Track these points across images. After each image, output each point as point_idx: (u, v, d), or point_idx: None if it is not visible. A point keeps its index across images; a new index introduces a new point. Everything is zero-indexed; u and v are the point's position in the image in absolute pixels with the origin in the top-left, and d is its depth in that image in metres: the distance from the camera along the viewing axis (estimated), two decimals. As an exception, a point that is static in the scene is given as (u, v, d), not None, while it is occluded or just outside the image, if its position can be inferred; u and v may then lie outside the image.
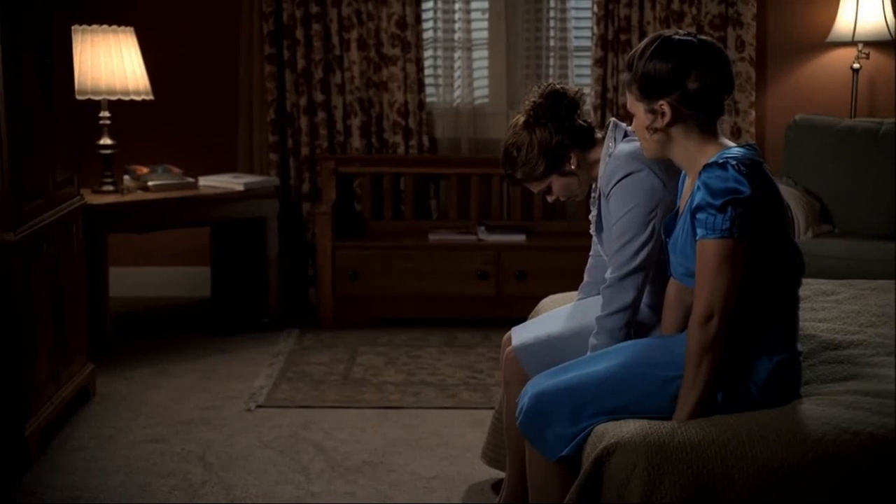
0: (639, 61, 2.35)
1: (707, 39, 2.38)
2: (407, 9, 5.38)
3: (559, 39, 5.62)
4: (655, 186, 2.73)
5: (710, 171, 2.23)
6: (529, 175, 2.89)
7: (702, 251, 2.24)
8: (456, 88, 5.63)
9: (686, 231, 2.32)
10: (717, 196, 2.20)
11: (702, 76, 2.31)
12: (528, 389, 2.50)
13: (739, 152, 2.27)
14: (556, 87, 2.90)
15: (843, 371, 2.47)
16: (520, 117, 2.89)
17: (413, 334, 5.05)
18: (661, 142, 2.38)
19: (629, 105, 2.43)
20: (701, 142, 2.35)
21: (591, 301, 3.02)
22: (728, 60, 2.37)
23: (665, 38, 2.35)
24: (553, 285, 4.18)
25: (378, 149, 5.54)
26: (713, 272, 2.22)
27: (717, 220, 2.20)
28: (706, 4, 5.42)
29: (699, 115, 2.33)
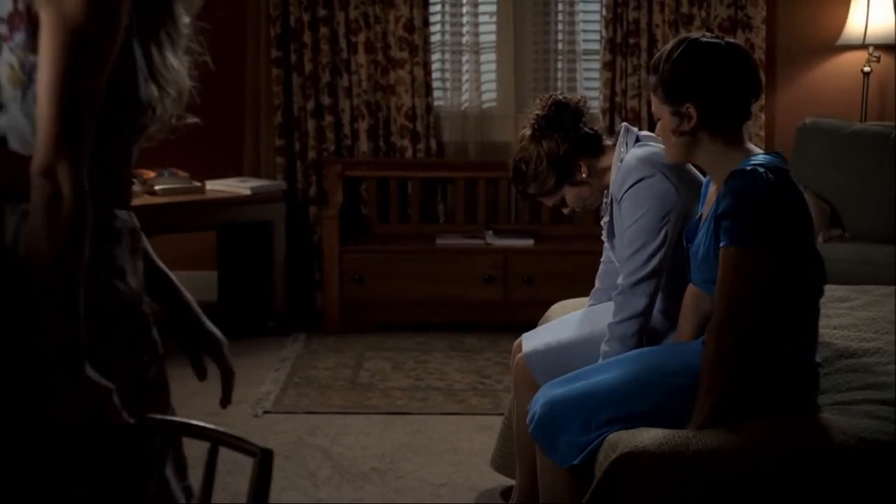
0: (665, 64, 2.33)
1: (734, 42, 2.36)
2: (414, 12, 5.36)
3: (567, 43, 5.59)
4: (668, 191, 2.71)
5: (738, 178, 2.20)
6: (541, 189, 2.88)
7: (725, 259, 2.21)
8: (464, 92, 5.61)
9: (709, 238, 2.28)
10: (744, 204, 2.17)
11: (729, 80, 2.29)
12: (540, 397, 2.47)
13: (766, 159, 2.24)
14: (559, 97, 2.90)
15: (858, 380, 2.44)
16: (525, 131, 2.88)
17: (420, 339, 5.02)
18: (686, 145, 2.35)
19: (654, 108, 2.40)
20: (726, 146, 2.32)
21: (602, 307, 3.00)
22: (756, 64, 2.35)
23: (692, 41, 2.33)
24: (561, 290, 4.15)
25: (385, 152, 5.52)
26: (735, 280, 2.19)
27: (744, 227, 2.17)
28: (715, 7, 5.39)
29: (725, 120, 2.31)
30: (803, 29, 5.49)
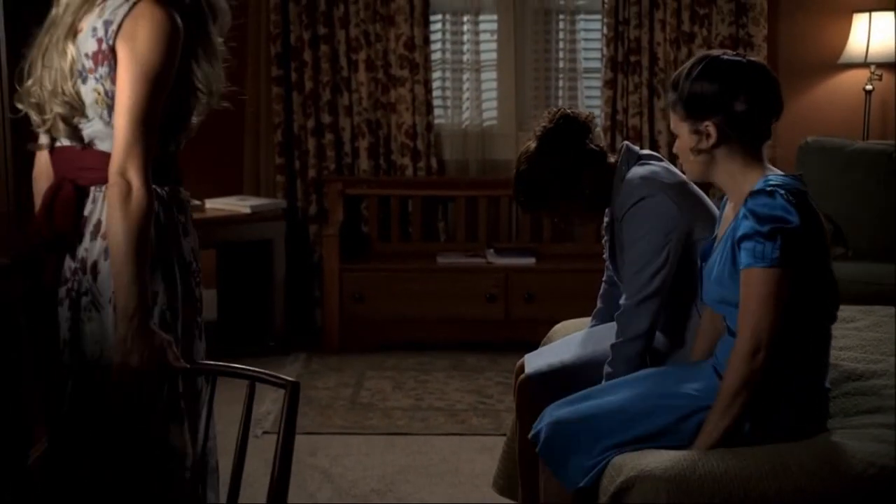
0: (685, 81, 2.29)
1: (756, 61, 2.32)
2: (415, 30, 5.35)
3: (569, 61, 5.58)
4: (670, 211, 2.68)
5: (758, 198, 2.17)
6: (543, 203, 2.85)
7: (747, 280, 2.17)
8: (464, 110, 5.60)
9: (725, 259, 2.25)
10: (764, 223, 2.13)
11: (750, 98, 2.25)
12: (546, 416, 2.44)
13: (785, 180, 2.21)
14: (567, 111, 2.86)
15: (866, 403, 2.40)
16: (530, 144, 2.84)
17: (421, 358, 4.99)
18: (704, 163, 2.32)
19: (672, 125, 2.36)
20: (745, 166, 2.28)
21: (604, 328, 2.97)
22: (777, 83, 2.30)
23: (713, 59, 2.29)
24: (562, 308, 4.13)
25: (386, 170, 5.50)
26: (760, 303, 2.14)
27: (766, 248, 2.13)
28: (717, 26, 5.39)
29: (745, 139, 2.27)
30: (805, 47, 5.49)
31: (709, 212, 2.78)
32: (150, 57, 2.01)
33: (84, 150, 2.11)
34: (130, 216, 1.97)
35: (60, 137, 2.13)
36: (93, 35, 2.07)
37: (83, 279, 2.11)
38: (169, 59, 2.03)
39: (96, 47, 2.06)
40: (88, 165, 2.10)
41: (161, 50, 2.02)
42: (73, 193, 2.10)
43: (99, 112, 2.07)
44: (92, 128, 2.10)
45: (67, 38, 2.09)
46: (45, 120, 2.14)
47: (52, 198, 2.11)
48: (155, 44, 2.01)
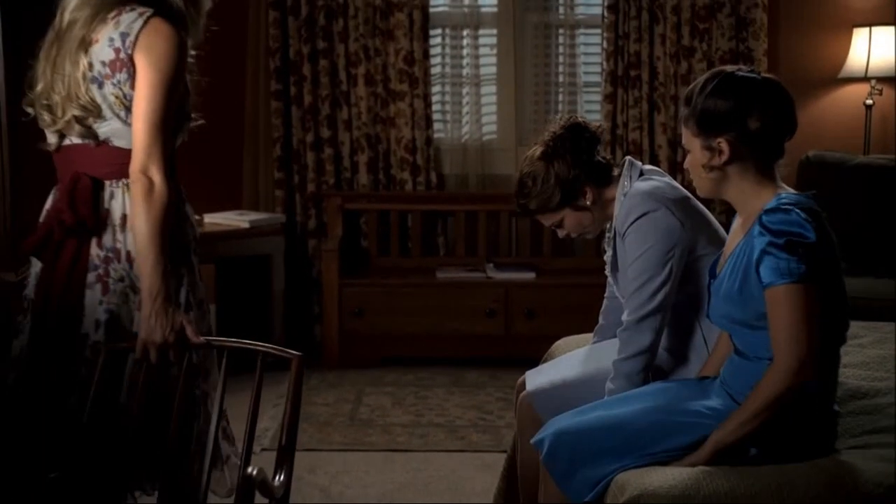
0: (698, 96, 2.27)
1: (771, 78, 2.28)
2: (414, 44, 5.34)
3: (568, 75, 5.57)
4: (673, 226, 2.66)
5: (772, 215, 2.14)
6: (543, 206, 2.82)
7: (775, 299, 2.12)
8: (464, 124, 5.58)
9: (736, 277, 2.21)
10: (779, 236, 2.10)
11: (764, 116, 2.21)
12: (549, 427, 2.41)
13: (799, 199, 2.18)
14: (578, 119, 2.84)
15: (872, 422, 2.38)
16: (538, 148, 2.82)
17: (420, 374, 4.96)
18: (715, 180, 2.29)
19: (684, 140, 2.33)
20: (757, 183, 2.26)
21: (606, 344, 2.94)
22: (791, 101, 2.27)
23: (727, 74, 2.26)
24: (563, 323, 4.12)
25: (385, 185, 5.48)
26: (795, 322, 2.10)
27: (790, 263, 2.09)
28: (717, 40, 5.38)
29: (758, 156, 2.24)
30: (805, 61, 5.48)
31: (712, 227, 2.77)
32: (166, 68, 2.28)
33: (98, 146, 2.35)
34: (153, 209, 2.24)
35: (73, 137, 2.37)
36: (109, 45, 2.31)
37: (118, 267, 2.36)
38: (180, 70, 2.32)
39: (114, 56, 2.31)
40: (105, 160, 2.35)
41: (174, 62, 2.30)
42: (91, 184, 2.34)
43: (117, 112, 2.32)
44: (109, 126, 2.34)
45: (79, 49, 2.33)
46: (56, 121, 2.37)
47: (72, 189, 2.33)
48: (169, 56, 2.29)
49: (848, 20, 5.37)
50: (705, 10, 5.35)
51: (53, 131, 2.41)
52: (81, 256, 2.36)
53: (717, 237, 2.72)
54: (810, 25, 5.47)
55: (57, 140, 2.42)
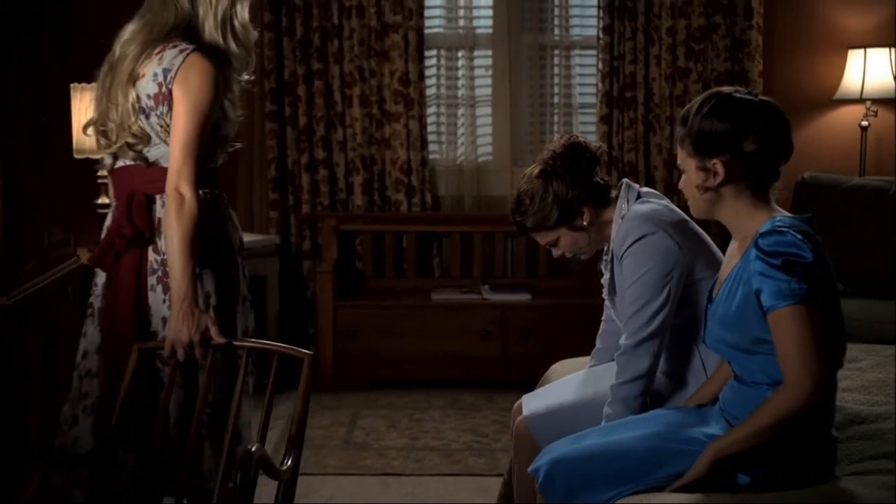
0: (695, 117, 2.25)
1: (768, 100, 2.27)
2: (410, 65, 5.33)
3: (564, 96, 5.57)
4: (671, 249, 2.64)
5: (767, 237, 2.12)
6: (540, 225, 2.80)
7: (778, 322, 2.09)
8: (459, 146, 5.57)
9: (732, 301, 2.19)
10: (776, 257, 2.09)
11: (760, 138, 2.20)
12: (546, 453, 2.38)
13: (794, 222, 2.16)
14: (579, 139, 2.82)
15: (872, 448, 2.35)
16: (537, 166, 2.80)
17: (415, 396, 4.93)
18: (709, 201, 2.27)
19: (679, 161, 2.31)
20: (751, 206, 2.24)
21: (604, 368, 2.92)
22: (788, 124, 2.26)
23: (724, 96, 2.25)
24: (559, 345, 4.09)
25: (380, 206, 5.47)
26: (806, 340, 2.07)
27: (791, 285, 2.07)
28: (712, 61, 5.38)
29: (753, 179, 2.23)
30: (800, 83, 5.48)
31: (710, 250, 2.75)
32: (199, 98, 2.54)
33: (149, 167, 2.62)
34: (182, 221, 2.48)
35: (126, 159, 2.64)
36: (153, 80, 2.57)
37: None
38: (213, 99, 2.56)
39: (157, 90, 2.57)
40: (155, 179, 2.60)
41: (207, 93, 2.55)
42: (145, 200, 2.60)
43: (164, 139, 2.59)
44: (158, 150, 2.61)
45: (129, 82, 2.59)
46: (111, 145, 2.65)
47: (129, 205, 2.60)
48: (203, 87, 2.54)
49: (843, 42, 5.38)
50: (700, 32, 5.36)
51: (109, 154, 2.68)
52: (142, 263, 2.61)
53: (715, 260, 2.70)
54: (805, 47, 5.47)
55: (111, 161, 2.68)
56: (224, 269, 2.67)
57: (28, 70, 3.44)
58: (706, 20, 5.36)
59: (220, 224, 2.68)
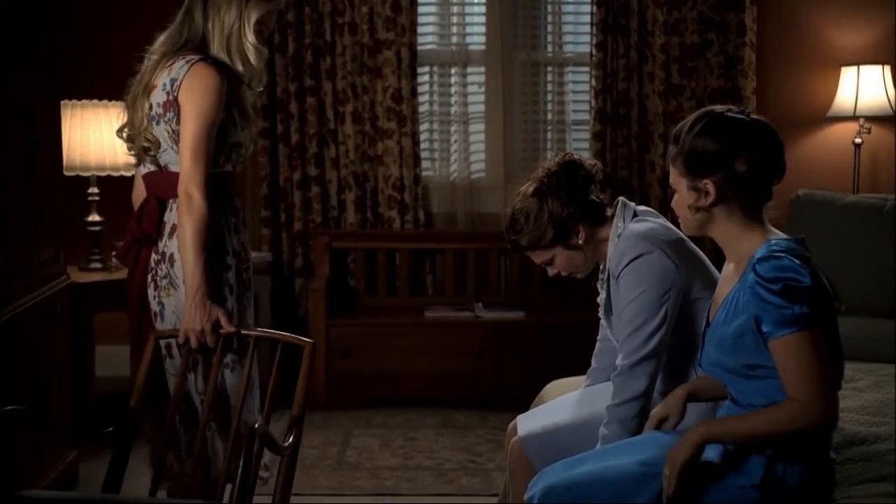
0: (686, 136, 2.23)
1: (760, 119, 2.25)
2: (402, 82, 5.32)
3: (557, 113, 5.56)
4: (668, 268, 2.62)
5: (764, 263, 2.10)
6: (535, 243, 2.77)
7: (781, 350, 2.08)
8: (452, 162, 5.55)
9: (729, 324, 2.17)
10: (776, 282, 2.07)
11: (751, 158, 2.17)
12: (541, 480, 2.35)
13: (789, 245, 2.14)
14: (574, 157, 2.80)
15: (872, 470, 2.32)
16: (532, 184, 2.78)
17: (409, 415, 4.89)
18: (702, 221, 2.25)
19: (672, 180, 2.29)
20: (744, 226, 2.22)
21: (599, 388, 2.90)
22: (780, 143, 2.23)
23: (716, 115, 2.23)
24: (553, 363, 4.07)
25: (373, 223, 5.44)
26: (812, 365, 2.06)
27: (794, 311, 2.05)
28: (705, 78, 5.38)
29: (745, 199, 2.20)
30: (793, 100, 5.48)
31: (707, 270, 2.73)
32: (203, 104, 2.74)
33: (162, 173, 2.86)
34: (192, 220, 2.70)
35: (147, 164, 2.88)
36: (163, 89, 2.80)
37: (164, 266, 2.83)
38: (216, 105, 2.76)
39: (165, 98, 2.79)
40: (167, 184, 2.82)
41: (210, 98, 2.75)
42: (157, 205, 2.85)
43: (170, 145, 2.81)
44: (167, 156, 2.84)
45: (145, 92, 2.84)
46: (131, 149, 2.91)
47: (143, 208, 2.87)
48: (206, 94, 2.75)
49: (836, 59, 5.38)
50: (693, 49, 5.35)
51: (135, 158, 2.94)
52: (142, 261, 2.88)
53: (713, 280, 2.67)
54: (798, 64, 5.47)
55: (140, 166, 2.95)
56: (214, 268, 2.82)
57: (18, 87, 3.41)
58: (699, 37, 5.36)
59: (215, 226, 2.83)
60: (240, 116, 2.88)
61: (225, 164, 2.87)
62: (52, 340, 3.69)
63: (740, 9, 5.33)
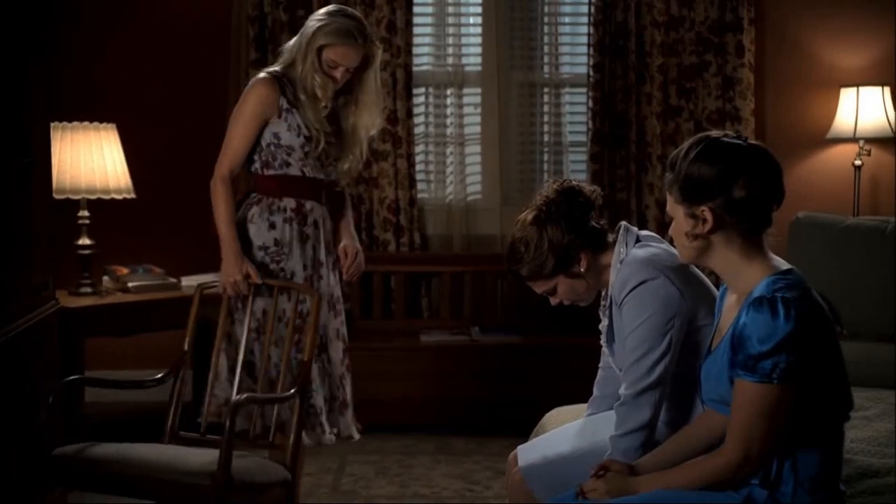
0: (682, 162, 2.17)
1: (758, 144, 2.19)
2: (398, 103, 5.27)
3: (554, 135, 5.51)
4: (672, 295, 2.56)
5: (759, 311, 2.05)
6: (536, 273, 2.70)
7: (740, 391, 2.07)
8: (448, 184, 5.50)
9: (726, 357, 2.12)
10: (763, 343, 2.03)
11: (749, 184, 2.11)
12: None
13: (787, 281, 2.08)
14: (573, 183, 2.73)
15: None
16: (530, 212, 2.70)
17: (405, 441, 4.81)
18: (699, 249, 2.19)
19: (668, 207, 2.24)
20: (743, 254, 2.16)
21: (601, 417, 2.83)
22: (779, 169, 2.18)
23: (712, 140, 2.17)
24: (551, 388, 4.01)
25: (368, 246, 5.37)
26: (753, 417, 2.05)
27: (760, 364, 2.03)
28: (704, 99, 5.34)
29: (743, 226, 2.14)
30: (792, 121, 5.44)
31: (712, 296, 2.66)
32: (238, 108, 3.37)
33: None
34: (214, 198, 3.38)
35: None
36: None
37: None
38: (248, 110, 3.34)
39: None
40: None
41: (244, 104, 3.35)
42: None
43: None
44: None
45: None
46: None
47: None
48: (243, 100, 3.37)
49: (835, 80, 5.35)
50: (692, 70, 5.32)
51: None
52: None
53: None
54: (797, 85, 5.44)
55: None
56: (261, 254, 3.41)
57: (6, 109, 3.35)
58: (697, 58, 5.32)
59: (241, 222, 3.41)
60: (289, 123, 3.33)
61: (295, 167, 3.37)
62: (42, 366, 3.61)
63: (739, 30, 5.30)
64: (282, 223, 3.37)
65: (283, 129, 3.32)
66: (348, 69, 3.32)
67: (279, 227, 3.37)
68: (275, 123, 3.33)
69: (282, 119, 3.32)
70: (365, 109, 3.42)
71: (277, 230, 3.37)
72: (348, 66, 3.31)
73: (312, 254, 3.43)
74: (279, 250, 3.38)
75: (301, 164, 3.36)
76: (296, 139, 3.32)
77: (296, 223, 3.39)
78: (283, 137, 3.32)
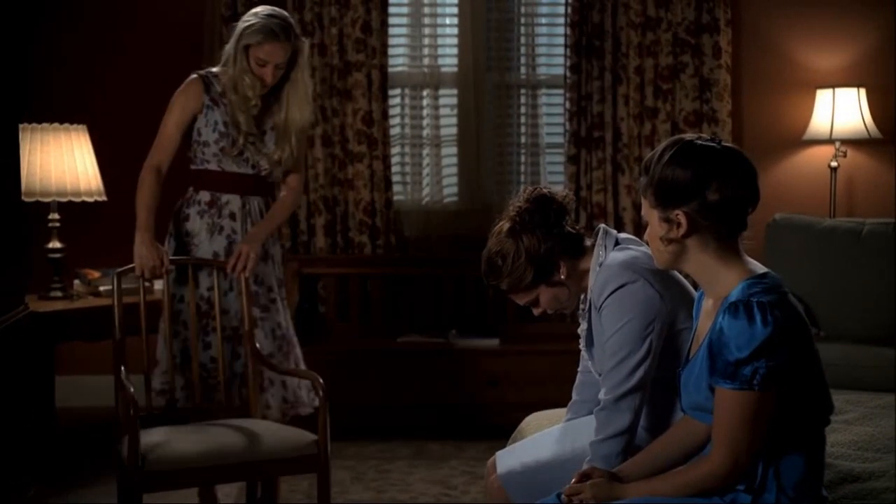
0: (656, 166, 2.14)
1: (732, 147, 2.16)
2: (373, 104, 5.23)
3: (531, 136, 5.48)
4: (652, 298, 2.52)
5: (735, 316, 2.02)
6: (516, 285, 2.66)
7: (722, 400, 2.05)
8: (424, 186, 5.47)
9: (705, 365, 2.09)
10: (741, 349, 2.00)
11: (723, 187, 2.08)
12: None
13: (763, 285, 2.06)
14: (543, 191, 2.68)
15: (868, 510, 2.24)
16: (504, 224, 2.66)
17: (381, 446, 4.77)
18: (675, 253, 2.16)
19: (643, 211, 2.20)
20: (718, 258, 2.13)
21: (581, 422, 2.79)
22: (754, 171, 2.14)
23: (686, 143, 2.14)
24: (529, 392, 3.99)
25: (343, 248, 5.33)
26: (737, 424, 2.03)
27: (739, 371, 2.00)
28: (681, 101, 5.32)
29: (718, 229, 2.11)
30: (769, 123, 5.44)
31: (692, 299, 2.62)
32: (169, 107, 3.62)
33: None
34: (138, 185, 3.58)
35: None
36: None
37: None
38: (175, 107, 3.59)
39: None
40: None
41: (172, 103, 3.60)
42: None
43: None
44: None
45: None
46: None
47: None
48: (172, 100, 3.61)
49: (811, 82, 5.35)
50: (668, 71, 5.30)
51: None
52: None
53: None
54: (774, 87, 5.43)
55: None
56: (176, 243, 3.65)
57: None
58: (674, 59, 5.31)
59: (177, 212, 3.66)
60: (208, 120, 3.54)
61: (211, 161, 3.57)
62: (11, 373, 3.55)
63: (715, 31, 5.29)
64: (195, 215, 3.63)
65: (202, 125, 3.56)
66: (277, 66, 3.48)
67: (192, 218, 3.63)
68: (199, 120, 3.56)
69: (203, 115, 3.55)
70: (294, 105, 3.58)
71: (190, 221, 3.64)
72: (275, 63, 3.47)
73: (227, 244, 3.62)
74: (190, 241, 3.63)
75: (217, 160, 3.58)
76: (211, 134, 3.55)
77: (208, 216, 3.62)
78: (203, 133, 3.56)
